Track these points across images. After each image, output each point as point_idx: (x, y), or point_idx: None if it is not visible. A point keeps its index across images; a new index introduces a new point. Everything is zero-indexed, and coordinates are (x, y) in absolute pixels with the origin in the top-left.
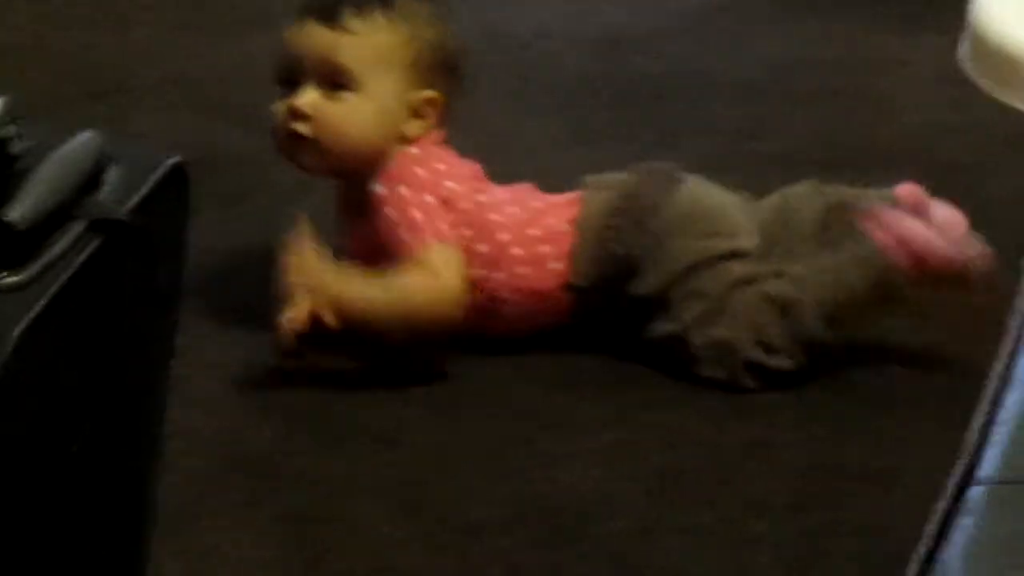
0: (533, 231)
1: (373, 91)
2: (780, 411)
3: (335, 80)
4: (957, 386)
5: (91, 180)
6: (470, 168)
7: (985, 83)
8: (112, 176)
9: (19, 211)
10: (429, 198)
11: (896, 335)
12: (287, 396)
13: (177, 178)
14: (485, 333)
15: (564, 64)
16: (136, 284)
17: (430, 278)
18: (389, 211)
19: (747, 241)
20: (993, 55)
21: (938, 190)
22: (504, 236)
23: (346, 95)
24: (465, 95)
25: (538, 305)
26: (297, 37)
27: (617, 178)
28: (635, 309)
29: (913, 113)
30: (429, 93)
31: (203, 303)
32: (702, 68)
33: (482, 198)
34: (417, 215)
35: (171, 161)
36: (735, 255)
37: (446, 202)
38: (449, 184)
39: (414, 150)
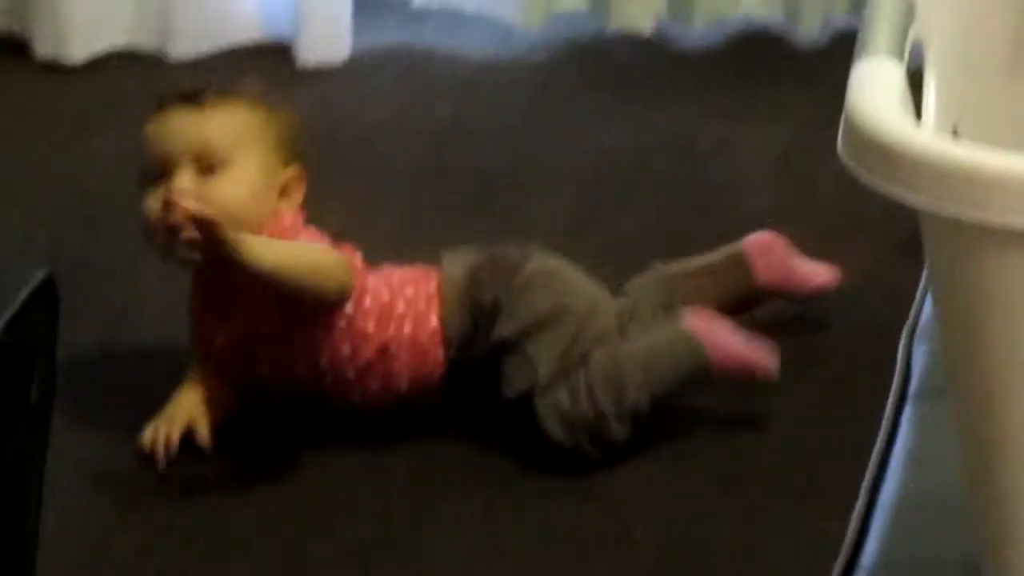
0: (409, 290)
1: (245, 169)
2: (635, 502)
3: (207, 162)
4: (807, 467)
5: None
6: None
7: (861, 173)
8: None
9: None
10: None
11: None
12: (146, 501)
13: (47, 291)
14: (364, 400)
15: (394, 163)
16: (9, 400)
17: (328, 255)
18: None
19: (603, 304)
20: (868, 144)
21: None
22: (385, 295)
23: (220, 176)
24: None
25: (420, 361)
26: (162, 127)
27: (472, 252)
28: (496, 362)
29: (750, 199)
30: (294, 170)
31: (61, 410)
32: (534, 160)
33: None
34: (307, 236)
35: (41, 274)
36: (584, 318)
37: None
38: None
39: (286, 222)
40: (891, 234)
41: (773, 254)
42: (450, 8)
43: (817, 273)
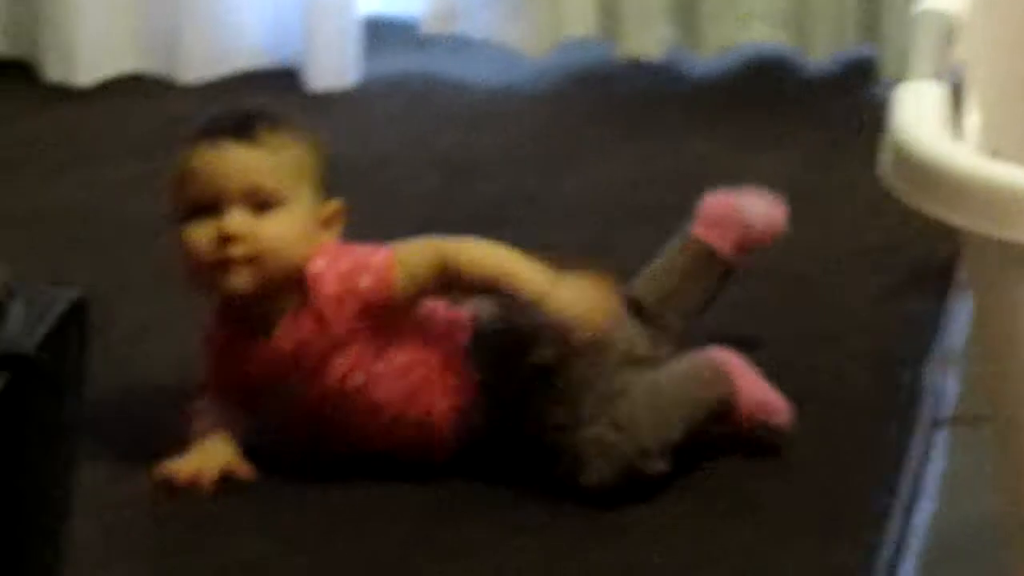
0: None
1: (297, 208)
2: (650, 531)
3: (259, 200)
4: (818, 495)
5: None
6: None
7: (904, 193)
8: (15, 310)
9: None
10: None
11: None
12: (154, 531)
13: (78, 311)
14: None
15: (401, 190)
16: (42, 419)
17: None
18: (340, 266)
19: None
20: (910, 165)
21: (789, 301)
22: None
23: (273, 215)
24: None
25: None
26: (214, 162)
27: None
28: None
29: None
30: (335, 203)
31: None
32: (540, 190)
33: None
34: (360, 255)
35: (72, 295)
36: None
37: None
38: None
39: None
40: (900, 262)
41: (724, 220)
42: (458, 35)
43: (768, 222)
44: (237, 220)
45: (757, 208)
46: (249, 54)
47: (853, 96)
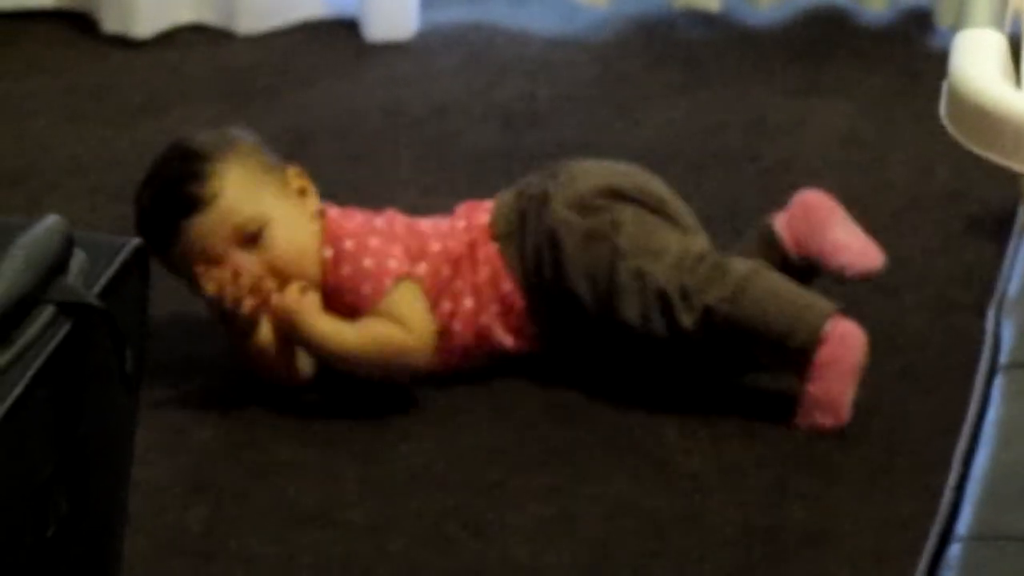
0: (458, 223)
1: (278, 215)
2: (711, 478)
3: (249, 234)
4: (880, 445)
5: (58, 264)
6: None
7: (964, 139)
8: (77, 260)
9: None
10: (373, 240)
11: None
12: (220, 476)
13: (139, 260)
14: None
15: (462, 140)
16: (105, 366)
17: (398, 327)
18: (343, 270)
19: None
20: (971, 110)
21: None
22: (436, 246)
23: (267, 238)
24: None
25: (483, 270)
26: (187, 236)
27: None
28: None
29: (819, 176)
30: (291, 169)
31: None
32: (600, 139)
33: (398, 227)
34: (368, 263)
35: (133, 244)
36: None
37: (386, 232)
38: (378, 221)
39: (331, 212)
40: (958, 211)
41: (807, 221)
42: None
43: (852, 251)
44: (242, 263)
45: (848, 243)
46: (308, 5)
47: (910, 45)
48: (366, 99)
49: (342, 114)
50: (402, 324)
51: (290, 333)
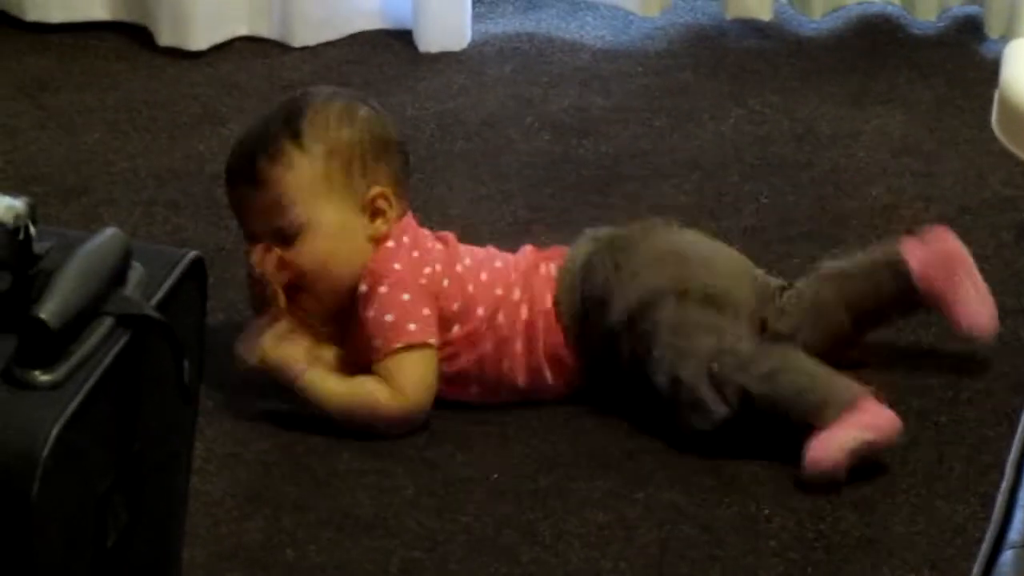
0: (530, 277)
1: (319, 227)
2: (765, 485)
3: (282, 235)
4: (933, 452)
5: (117, 276)
6: (444, 243)
7: (1015, 147)
8: (136, 272)
9: (51, 310)
10: (406, 295)
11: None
12: (277, 487)
13: (196, 272)
14: (497, 394)
15: (515, 150)
16: (164, 377)
17: (390, 393)
18: (368, 312)
19: (723, 283)
20: (1021, 120)
21: None
22: (498, 290)
23: (299, 243)
24: (418, 173)
25: (541, 342)
26: (233, 205)
27: (611, 228)
28: (615, 348)
29: (871, 184)
30: (376, 189)
31: None
32: (653, 149)
33: (459, 268)
34: (389, 318)
35: (191, 255)
36: (693, 290)
37: (426, 288)
38: (427, 270)
39: (390, 243)
40: (1009, 219)
41: (945, 268)
42: None
43: (976, 312)
44: (256, 258)
45: (972, 304)
46: (361, 17)
47: (960, 54)
48: (420, 109)
49: (396, 125)
50: (393, 389)
51: (278, 377)
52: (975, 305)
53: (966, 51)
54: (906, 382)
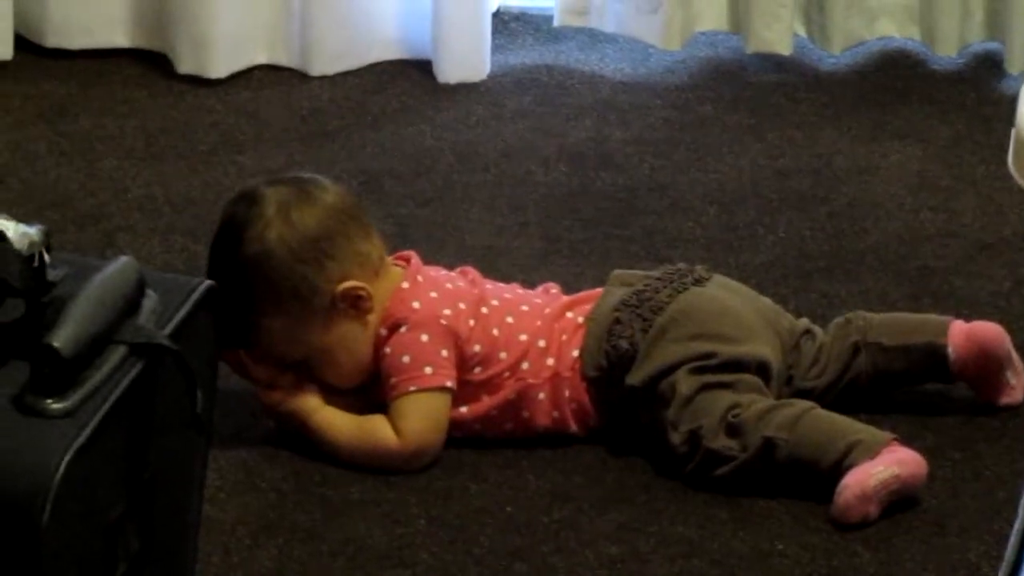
0: (556, 325)
1: (320, 346)
2: (778, 519)
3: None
4: (948, 489)
5: (130, 305)
6: (464, 281)
7: None
8: (150, 300)
9: (63, 338)
10: (425, 336)
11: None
12: (290, 516)
13: (210, 301)
14: (516, 434)
15: (533, 181)
16: (176, 407)
17: (392, 435)
18: (385, 351)
19: (745, 348)
20: None
21: (917, 295)
22: (523, 336)
23: (310, 366)
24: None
25: (566, 392)
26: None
27: (641, 275)
28: (634, 404)
29: (888, 219)
30: (340, 288)
31: None
32: (670, 182)
33: (486, 310)
34: (406, 360)
35: (205, 284)
36: (714, 358)
37: (447, 329)
38: (447, 311)
39: (404, 284)
40: None
41: (982, 362)
42: (589, 28)
43: (1011, 394)
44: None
45: (1013, 372)
46: (381, 46)
47: (979, 90)
48: (438, 140)
49: (414, 155)
50: (399, 431)
51: (288, 419)
52: (1010, 388)
53: (986, 87)
54: (921, 419)
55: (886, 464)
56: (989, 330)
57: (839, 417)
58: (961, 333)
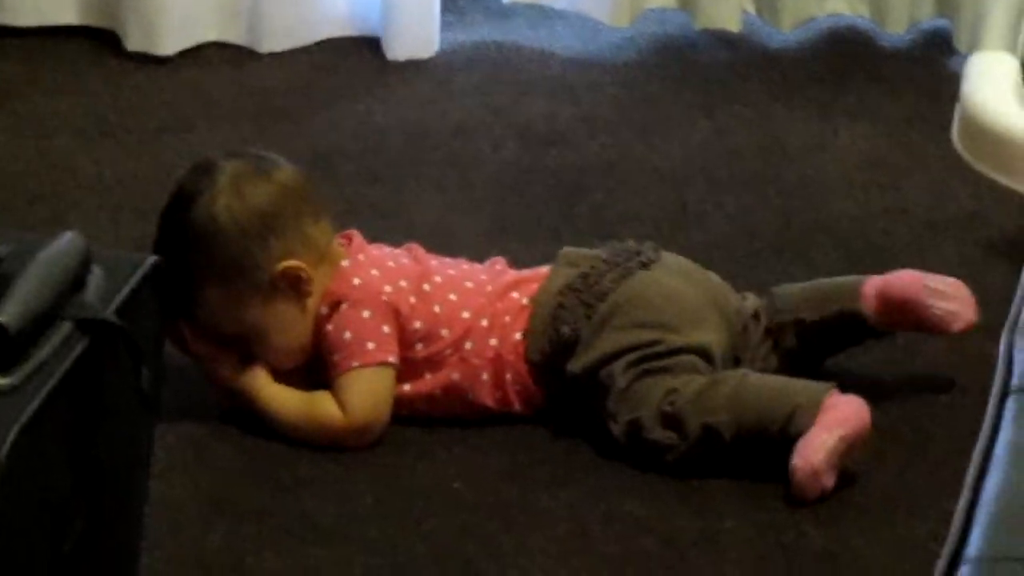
0: (499, 304)
1: (259, 325)
2: (727, 497)
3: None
4: (896, 466)
5: (76, 281)
6: (408, 258)
7: (976, 161)
8: (95, 276)
9: (9, 313)
10: (366, 312)
11: None
12: (238, 493)
13: (156, 277)
14: (461, 413)
15: (482, 159)
16: (122, 383)
17: (338, 412)
18: (327, 328)
19: (688, 336)
20: (982, 133)
21: (867, 272)
22: (466, 314)
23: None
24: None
25: (509, 374)
26: None
27: (588, 254)
28: (577, 389)
29: (838, 198)
30: (281, 266)
31: None
32: (621, 159)
33: (427, 287)
34: (348, 336)
35: (151, 260)
36: (655, 346)
37: (388, 305)
38: (388, 288)
39: (344, 263)
40: (979, 234)
41: (899, 302)
42: (539, 5)
43: (949, 317)
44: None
45: (943, 300)
46: (330, 23)
47: (929, 68)
48: (388, 118)
49: (364, 132)
50: (343, 407)
51: (234, 397)
52: (949, 315)
53: (935, 65)
54: (870, 397)
55: (829, 430)
56: (902, 280)
57: (772, 380)
58: (872, 289)
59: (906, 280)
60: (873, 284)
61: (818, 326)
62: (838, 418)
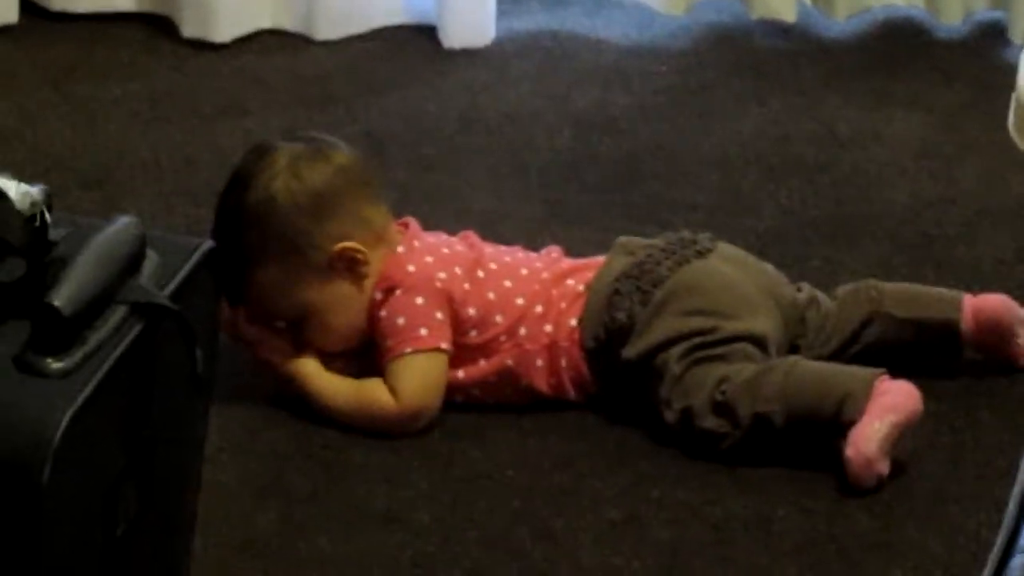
0: (554, 291)
1: (313, 305)
2: (779, 485)
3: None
4: (948, 456)
5: (131, 265)
6: (462, 246)
7: None
8: (150, 260)
9: (64, 296)
10: (420, 299)
11: None
12: (291, 478)
13: (212, 261)
14: (515, 399)
15: (537, 146)
16: (176, 366)
17: (390, 398)
18: (381, 314)
19: (742, 324)
20: None
21: (919, 261)
22: (520, 300)
23: (301, 325)
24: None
25: (563, 360)
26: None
27: (644, 243)
28: (630, 377)
29: (891, 187)
30: (338, 247)
31: None
32: (675, 148)
33: (482, 274)
34: (401, 321)
35: (206, 245)
36: (711, 333)
37: (442, 292)
38: (442, 275)
39: (400, 249)
40: None
41: (994, 323)
42: None
43: None
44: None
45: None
46: (385, 12)
47: (983, 59)
48: (442, 105)
49: (418, 120)
50: (395, 393)
51: (286, 383)
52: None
53: (989, 55)
54: (922, 385)
55: (880, 417)
56: (997, 303)
57: (823, 367)
58: (970, 309)
59: (1001, 305)
60: (970, 300)
61: (911, 325)
62: (889, 404)
